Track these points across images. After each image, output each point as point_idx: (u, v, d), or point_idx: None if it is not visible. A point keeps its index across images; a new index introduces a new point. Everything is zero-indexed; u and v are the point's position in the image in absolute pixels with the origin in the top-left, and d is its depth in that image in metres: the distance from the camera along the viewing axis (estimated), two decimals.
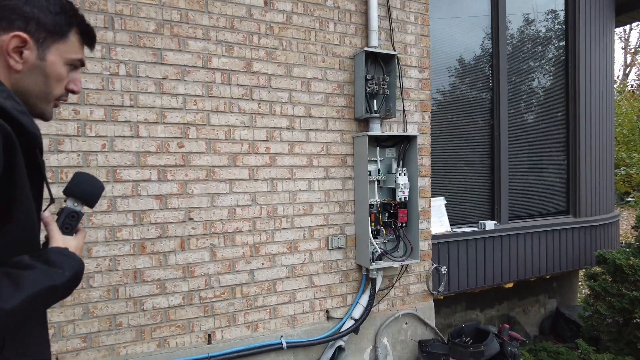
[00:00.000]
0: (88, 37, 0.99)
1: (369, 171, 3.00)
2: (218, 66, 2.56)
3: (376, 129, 2.94)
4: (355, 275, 3.05)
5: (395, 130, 3.15)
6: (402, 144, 3.07)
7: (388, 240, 3.12)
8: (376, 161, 3.04)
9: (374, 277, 2.95)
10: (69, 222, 0.93)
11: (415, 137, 3.02)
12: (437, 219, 3.82)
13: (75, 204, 0.94)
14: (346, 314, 2.97)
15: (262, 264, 2.72)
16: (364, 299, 2.96)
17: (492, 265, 3.94)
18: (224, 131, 2.59)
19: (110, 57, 2.31)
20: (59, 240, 0.90)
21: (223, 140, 2.58)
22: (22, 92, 0.88)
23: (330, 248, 2.93)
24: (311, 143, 2.85)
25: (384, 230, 3.02)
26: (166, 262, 2.46)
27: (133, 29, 2.35)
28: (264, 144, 2.70)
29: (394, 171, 3.02)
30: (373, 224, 2.97)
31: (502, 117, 4.05)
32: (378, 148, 3.02)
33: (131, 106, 2.36)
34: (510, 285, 4.08)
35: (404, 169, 3.02)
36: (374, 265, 2.89)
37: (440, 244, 3.65)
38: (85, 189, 0.95)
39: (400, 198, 3.00)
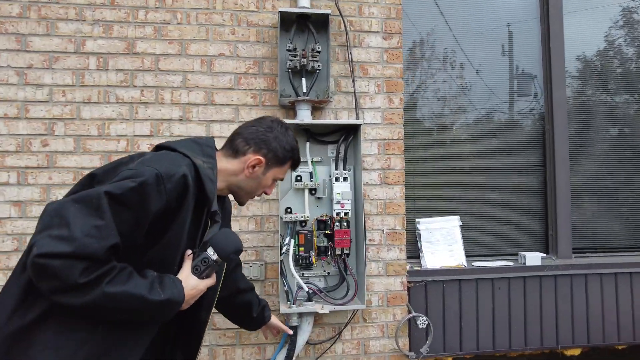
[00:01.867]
0: (295, 166, 1.41)
1: (299, 175, 2.20)
2: (93, 50, 2.16)
3: (304, 117, 2.14)
4: (281, 318, 2.23)
5: (347, 119, 2.28)
6: (348, 138, 2.19)
7: (328, 274, 2.22)
8: (311, 162, 2.21)
9: (294, 325, 2.09)
10: (199, 265, 1.11)
11: (358, 126, 2.12)
12: (445, 246, 2.71)
13: (213, 253, 1.11)
14: None
15: None
16: (282, 357, 2.12)
17: (537, 317, 2.60)
18: (97, 126, 2.16)
19: None
20: (183, 273, 1.11)
21: (95, 136, 2.15)
22: (238, 186, 1.31)
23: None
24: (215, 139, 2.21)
25: (315, 259, 2.15)
26: None
27: None
28: (146, 141, 2.18)
29: (331, 175, 2.15)
30: (302, 249, 2.13)
31: (555, 101, 2.72)
32: (308, 144, 2.19)
33: None
34: (576, 352, 2.63)
35: (344, 173, 2.13)
36: (287, 309, 2.04)
37: (447, 282, 2.54)
38: (220, 244, 1.13)
39: (337, 214, 2.11)
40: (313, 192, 2.19)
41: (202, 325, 1.34)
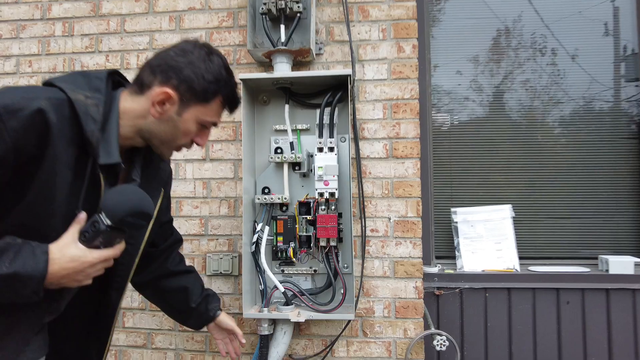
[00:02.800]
0: (230, 105, 1.04)
1: (278, 148, 1.77)
2: (59, 14, 1.97)
3: (282, 71, 1.69)
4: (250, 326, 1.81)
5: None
6: (335, 96, 1.69)
7: (315, 271, 1.74)
8: (292, 130, 1.76)
9: (264, 333, 1.66)
10: (88, 231, 0.84)
11: (346, 77, 1.61)
12: (491, 244, 2.07)
13: (104, 218, 0.83)
14: None
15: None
16: None
17: (629, 344, 1.83)
18: None
19: None
20: (61, 241, 0.83)
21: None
22: (149, 132, 0.96)
23: (208, 274, 1.83)
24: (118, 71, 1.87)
25: (292, 252, 1.69)
26: None
27: None
28: None
29: (317, 147, 1.67)
30: (280, 238, 1.70)
31: None
32: (287, 107, 1.74)
33: None
34: None
35: (329, 142, 1.64)
36: (254, 313, 1.62)
37: (492, 291, 1.93)
38: (109, 204, 0.83)
39: (321, 194, 1.63)
40: (297, 167, 1.74)
41: (112, 309, 1.09)
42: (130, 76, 1.50)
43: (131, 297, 1.86)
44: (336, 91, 1.67)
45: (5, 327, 0.86)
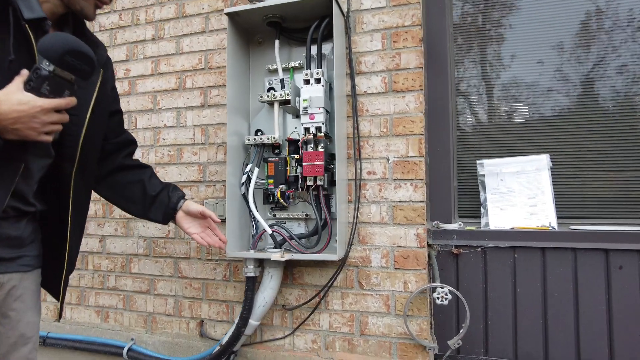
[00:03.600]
0: None
1: (272, 88, 1.70)
2: None
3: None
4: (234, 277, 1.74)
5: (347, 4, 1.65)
6: (322, 24, 1.57)
7: (306, 216, 1.63)
8: (286, 69, 1.67)
9: (249, 275, 1.57)
10: (32, 78, 0.83)
11: (331, 2, 1.48)
12: (524, 199, 1.80)
13: (47, 63, 0.82)
14: (226, 333, 1.72)
15: (116, 230, 1.96)
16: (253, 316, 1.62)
17: None
18: None
19: None
20: (5, 88, 0.82)
21: None
22: None
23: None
24: (183, 55, 1.89)
25: (280, 194, 1.59)
26: None
27: None
28: (123, 66, 2.00)
29: (302, 78, 1.56)
30: (271, 181, 1.62)
31: None
32: (277, 42, 1.65)
33: None
34: None
35: (315, 73, 1.52)
36: (237, 252, 1.55)
37: (522, 251, 1.67)
38: (45, 47, 0.82)
39: (307, 130, 1.52)
40: (283, 105, 1.64)
41: (67, 183, 1.02)
42: (139, 32, 1.52)
43: (137, 244, 1.91)
44: (324, 20, 1.55)
45: None
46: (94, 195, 1.96)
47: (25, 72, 0.83)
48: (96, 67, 0.91)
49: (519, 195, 1.81)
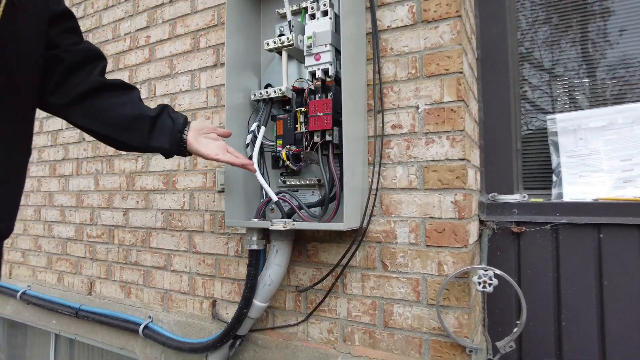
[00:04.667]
0: None
1: (281, 32, 1.47)
2: None
3: None
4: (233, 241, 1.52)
5: None
6: None
7: (319, 182, 1.36)
8: (297, 11, 1.43)
9: (252, 247, 1.35)
10: None
11: None
12: (613, 163, 1.36)
13: None
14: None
15: (137, 202, 1.89)
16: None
17: None
18: (111, 29, 2.05)
19: None
20: None
21: (110, 40, 2.05)
22: None
23: (219, 189, 1.63)
24: (197, 13, 1.74)
25: (285, 155, 1.34)
26: (67, 187, 2.20)
27: None
28: (144, 33, 1.92)
29: (309, 14, 1.30)
30: (280, 142, 1.39)
31: None
32: None
33: None
34: None
35: (322, 4, 1.25)
36: (237, 221, 1.34)
37: (610, 228, 1.27)
38: None
39: (312, 74, 1.26)
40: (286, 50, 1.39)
41: None
42: None
43: (155, 217, 1.81)
44: None
45: None
46: (117, 166, 1.91)
47: None
48: None
49: (606, 157, 1.36)
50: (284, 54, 1.37)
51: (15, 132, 0.85)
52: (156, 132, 1.01)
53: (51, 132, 2.31)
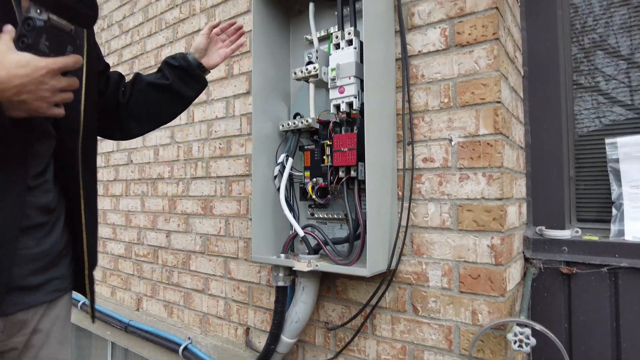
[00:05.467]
0: None
1: (310, 60, 1.43)
2: None
3: None
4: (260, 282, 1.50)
5: None
6: None
7: (346, 216, 1.31)
8: (323, 37, 1.39)
9: (278, 284, 1.33)
10: (24, 34, 0.66)
11: None
12: None
13: (38, 10, 0.66)
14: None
15: (178, 225, 1.95)
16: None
17: None
18: (154, 55, 2.14)
19: None
20: None
21: (154, 66, 2.14)
22: None
23: (251, 217, 1.63)
24: None
25: (311, 189, 1.30)
26: (118, 206, 2.33)
27: None
28: None
29: (333, 43, 1.25)
30: (307, 173, 1.36)
31: None
32: (312, 5, 1.37)
33: (105, 54, 2.47)
34: None
35: (347, 33, 1.20)
36: (263, 257, 1.32)
37: None
38: None
39: (336, 106, 1.21)
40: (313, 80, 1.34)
41: (73, 164, 0.86)
42: (194, 22, 1.34)
43: (194, 241, 1.86)
44: None
45: None
46: (160, 189, 1.99)
47: (9, 29, 0.66)
48: (98, 11, 0.74)
49: None
50: (311, 84, 1.33)
51: (95, 177, 0.95)
52: (183, 86, 1.10)
53: (104, 154, 2.46)
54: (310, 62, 1.42)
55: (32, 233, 0.79)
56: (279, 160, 1.40)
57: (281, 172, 1.39)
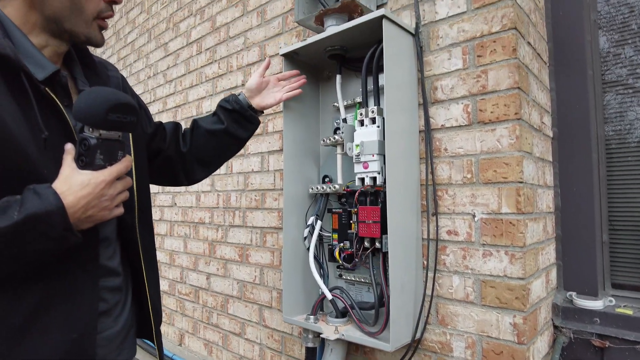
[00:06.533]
0: None
1: (337, 126, 1.50)
2: (195, 37, 2.33)
3: (331, 30, 1.42)
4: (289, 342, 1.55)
5: (410, 23, 1.33)
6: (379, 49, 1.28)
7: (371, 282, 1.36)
8: (350, 105, 1.46)
9: (308, 345, 1.39)
10: (82, 154, 0.74)
11: (380, 18, 1.18)
12: None
13: (90, 129, 0.73)
14: None
15: (217, 269, 2.07)
16: None
17: None
18: (195, 106, 2.29)
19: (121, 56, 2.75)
20: (62, 174, 0.72)
21: (195, 116, 2.29)
22: (53, 20, 0.79)
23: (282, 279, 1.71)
24: None
25: (338, 255, 1.36)
26: (163, 245, 2.50)
27: (155, 32, 2.68)
28: None
29: (358, 118, 1.31)
30: (335, 235, 1.43)
31: None
32: (339, 78, 1.44)
33: (149, 102, 2.66)
34: None
35: (371, 111, 1.26)
36: (292, 318, 1.39)
37: None
38: (83, 111, 0.72)
39: (361, 179, 1.27)
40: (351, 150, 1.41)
41: (133, 237, 0.92)
42: (232, 79, 1.52)
43: (232, 286, 1.96)
44: (381, 44, 1.26)
45: (68, 289, 0.79)
46: (202, 233, 2.12)
47: (70, 148, 0.75)
48: (139, 113, 0.83)
49: None
50: (339, 150, 1.40)
51: (153, 242, 1.03)
52: (240, 125, 1.19)
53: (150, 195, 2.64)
54: (337, 129, 1.50)
55: (109, 314, 0.87)
56: (309, 222, 1.47)
57: (311, 233, 1.46)
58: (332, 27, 1.41)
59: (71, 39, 0.83)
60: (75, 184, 0.71)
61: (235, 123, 1.18)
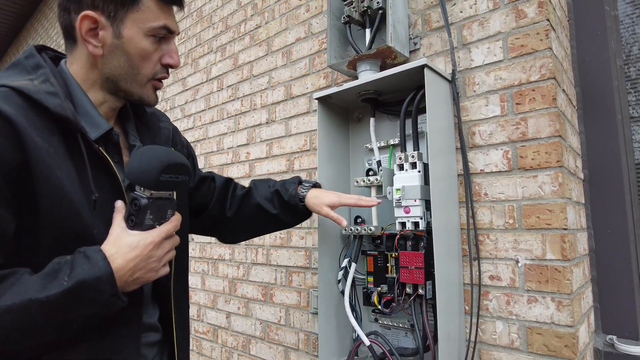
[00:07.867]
0: None
1: (370, 169, 1.52)
2: (215, 74, 2.37)
3: (365, 77, 1.45)
4: None
5: (444, 69, 1.37)
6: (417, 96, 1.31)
7: (412, 326, 1.34)
8: (384, 147, 1.48)
9: None
10: (132, 214, 0.73)
11: (422, 67, 1.21)
12: None
13: (141, 189, 0.73)
14: None
15: (238, 308, 2.03)
16: None
17: None
18: (216, 142, 2.30)
19: None
20: (111, 235, 0.73)
21: (215, 152, 2.30)
22: (111, 79, 0.81)
23: (312, 311, 1.69)
24: (291, 137, 1.87)
25: (377, 299, 1.35)
26: None
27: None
28: (244, 149, 2.11)
29: (396, 162, 1.32)
30: (370, 278, 1.42)
31: None
32: (373, 120, 1.47)
33: None
34: None
35: (411, 156, 1.27)
36: None
37: None
38: (136, 172, 0.72)
39: (402, 224, 1.27)
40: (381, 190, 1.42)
41: (166, 292, 0.93)
42: (256, 117, 1.54)
43: (254, 326, 1.92)
44: (420, 90, 1.29)
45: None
46: (221, 270, 2.09)
47: (120, 205, 0.76)
48: (192, 173, 0.85)
49: None
50: (373, 192, 1.41)
51: (186, 295, 1.03)
52: (288, 215, 1.22)
53: None
54: (370, 169, 1.51)
55: None
56: (342, 265, 1.46)
57: (345, 276, 1.44)
58: (367, 73, 1.45)
59: (126, 97, 0.86)
60: (124, 246, 0.72)
61: (286, 211, 1.20)
